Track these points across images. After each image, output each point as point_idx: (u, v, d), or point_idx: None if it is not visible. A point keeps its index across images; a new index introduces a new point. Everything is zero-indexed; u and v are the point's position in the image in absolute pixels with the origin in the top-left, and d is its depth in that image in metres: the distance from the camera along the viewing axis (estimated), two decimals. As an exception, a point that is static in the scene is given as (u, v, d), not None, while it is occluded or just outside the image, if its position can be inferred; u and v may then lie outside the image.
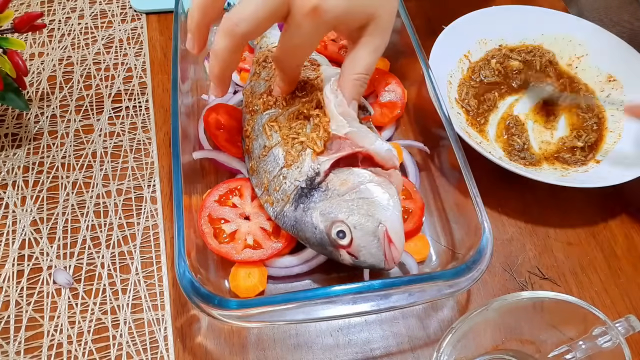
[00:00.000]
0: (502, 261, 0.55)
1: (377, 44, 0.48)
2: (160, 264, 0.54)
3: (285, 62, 0.49)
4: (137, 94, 0.67)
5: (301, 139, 0.49)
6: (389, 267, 0.45)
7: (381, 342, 0.50)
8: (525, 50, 0.71)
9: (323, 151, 0.48)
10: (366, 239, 0.45)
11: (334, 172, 0.47)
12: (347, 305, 0.45)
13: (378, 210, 0.45)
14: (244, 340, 0.50)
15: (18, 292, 0.52)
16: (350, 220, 0.45)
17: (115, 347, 0.49)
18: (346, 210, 0.45)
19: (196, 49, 0.47)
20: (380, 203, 0.45)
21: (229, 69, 0.46)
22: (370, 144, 0.47)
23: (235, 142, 0.57)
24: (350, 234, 0.45)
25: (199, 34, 0.46)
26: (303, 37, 0.44)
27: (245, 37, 0.43)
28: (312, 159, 0.48)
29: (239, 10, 0.42)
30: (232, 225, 0.51)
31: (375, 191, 0.46)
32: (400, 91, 0.63)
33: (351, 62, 0.48)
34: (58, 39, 0.72)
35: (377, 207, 0.45)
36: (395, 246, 0.45)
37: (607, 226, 0.59)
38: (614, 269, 0.55)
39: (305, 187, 0.47)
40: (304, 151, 0.49)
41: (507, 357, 0.46)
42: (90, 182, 0.59)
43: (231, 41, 0.43)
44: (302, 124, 0.50)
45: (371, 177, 0.47)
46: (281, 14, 0.43)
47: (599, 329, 0.40)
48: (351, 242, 0.45)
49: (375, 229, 0.45)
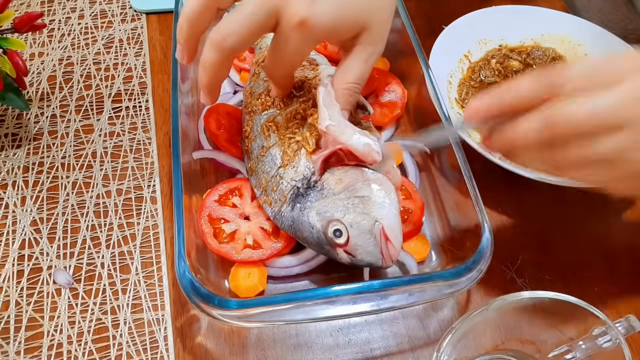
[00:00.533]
0: (502, 261, 0.55)
1: (370, 52, 0.47)
2: (160, 264, 0.54)
3: (276, 72, 0.49)
4: (137, 94, 0.67)
5: (297, 138, 0.49)
6: (386, 265, 0.45)
7: (381, 342, 0.50)
8: (526, 50, 0.71)
9: (315, 150, 0.48)
10: (362, 237, 0.45)
11: (329, 170, 0.47)
12: (347, 305, 0.45)
13: (374, 208, 0.45)
14: (244, 340, 0.50)
15: (18, 292, 0.52)
16: (346, 219, 0.45)
17: (115, 347, 0.49)
18: (342, 209, 0.45)
19: (186, 60, 0.47)
20: (376, 201, 0.45)
21: (218, 79, 0.46)
22: (348, 139, 0.46)
23: (235, 142, 0.57)
24: (346, 232, 0.45)
25: (189, 45, 0.46)
26: (291, 49, 0.44)
27: (233, 51, 0.43)
28: (306, 159, 0.48)
29: (227, 25, 0.42)
30: (232, 225, 0.51)
31: (371, 189, 0.46)
32: (400, 91, 0.63)
33: (342, 71, 0.47)
34: (58, 39, 0.72)
35: (373, 205, 0.45)
36: (393, 244, 0.44)
37: (607, 226, 0.59)
38: (614, 269, 0.55)
39: (302, 186, 0.47)
40: (300, 151, 0.49)
41: (507, 357, 0.46)
42: (90, 182, 0.59)
43: (219, 55, 0.43)
44: (298, 123, 0.51)
45: (367, 175, 0.46)
46: (269, 26, 0.43)
47: (599, 329, 0.40)
48: (347, 240, 0.45)
49: (371, 227, 0.44)
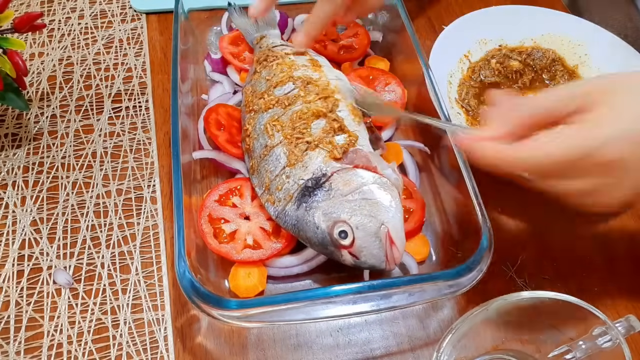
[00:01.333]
0: (502, 261, 0.55)
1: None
2: (160, 264, 0.54)
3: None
4: (137, 94, 0.67)
5: (307, 138, 0.50)
6: (390, 268, 0.45)
7: (381, 342, 0.50)
8: (526, 51, 0.71)
9: (340, 158, 0.49)
10: (368, 239, 0.45)
11: (337, 172, 0.48)
12: (347, 305, 0.45)
13: (380, 211, 0.45)
14: (244, 340, 0.50)
15: (18, 292, 0.52)
16: (353, 221, 0.45)
17: (115, 347, 0.49)
18: (349, 211, 0.45)
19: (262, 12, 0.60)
20: (383, 204, 0.46)
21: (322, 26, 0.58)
22: (382, 169, 0.48)
23: (236, 142, 0.57)
24: (352, 234, 0.45)
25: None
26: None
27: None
28: (324, 161, 0.48)
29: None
30: (232, 225, 0.51)
31: (378, 192, 0.46)
32: (400, 91, 0.63)
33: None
34: (58, 39, 0.72)
35: (379, 208, 0.45)
36: (397, 247, 0.45)
37: (607, 226, 0.59)
38: (614, 269, 0.55)
39: (310, 186, 0.47)
40: (312, 151, 0.49)
41: (507, 357, 0.46)
42: (90, 182, 0.59)
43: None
44: (305, 123, 0.51)
45: (374, 179, 0.47)
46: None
47: (599, 329, 0.40)
48: (353, 242, 0.45)
49: (377, 229, 0.45)
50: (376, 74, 0.64)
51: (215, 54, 0.67)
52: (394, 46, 0.67)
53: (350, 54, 0.67)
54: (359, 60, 0.68)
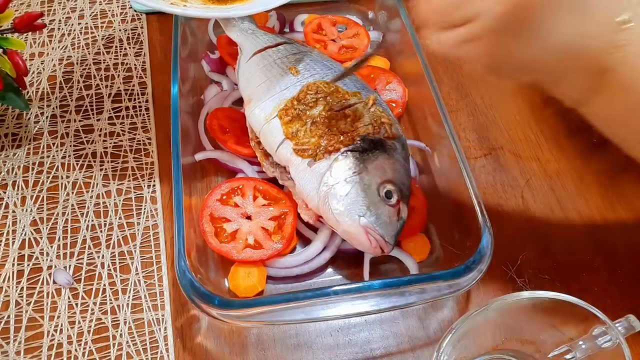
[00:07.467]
0: (502, 261, 0.55)
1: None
2: (160, 264, 0.54)
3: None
4: (137, 94, 0.67)
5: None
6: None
7: (381, 342, 0.50)
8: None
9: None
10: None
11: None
12: (347, 305, 0.45)
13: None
14: (244, 340, 0.50)
15: (18, 292, 0.52)
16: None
17: (115, 347, 0.49)
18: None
19: None
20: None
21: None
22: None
23: (244, 143, 0.57)
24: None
25: None
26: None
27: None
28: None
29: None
30: (234, 224, 0.51)
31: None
32: (401, 90, 0.63)
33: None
34: (58, 39, 0.72)
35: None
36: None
37: (607, 226, 0.59)
38: (614, 269, 0.55)
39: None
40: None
41: (507, 357, 0.46)
42: (90, 182, 0.59)
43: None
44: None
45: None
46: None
47: (599, 329, 0.40)
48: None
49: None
50: (377, 73, 0.64)
51: (214, 53, 0.67)
52: (393, 46, 0.67)
53: (350, 54, 0.67)
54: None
